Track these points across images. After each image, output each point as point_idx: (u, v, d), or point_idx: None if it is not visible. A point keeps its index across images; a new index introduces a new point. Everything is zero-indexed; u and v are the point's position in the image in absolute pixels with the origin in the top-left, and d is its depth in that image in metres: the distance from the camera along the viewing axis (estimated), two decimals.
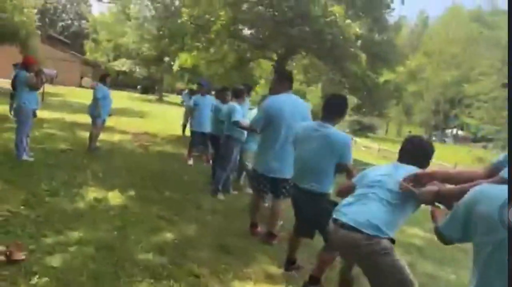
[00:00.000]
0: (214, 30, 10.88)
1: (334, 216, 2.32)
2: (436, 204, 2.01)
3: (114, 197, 4.80)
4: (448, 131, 49.80)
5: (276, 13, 9.70)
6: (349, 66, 11.08)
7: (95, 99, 7.35)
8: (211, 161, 7.67)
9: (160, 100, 34.26)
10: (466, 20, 48.10)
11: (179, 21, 11.99)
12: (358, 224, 2.13)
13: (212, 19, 10.79)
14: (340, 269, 2.91)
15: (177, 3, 33.34)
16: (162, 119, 17.69)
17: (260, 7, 9.71)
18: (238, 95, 5.55)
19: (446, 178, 2.09)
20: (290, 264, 3.39)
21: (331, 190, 3.13)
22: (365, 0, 12.31)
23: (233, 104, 5.40)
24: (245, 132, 5.54)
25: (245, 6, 10.64)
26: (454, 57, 46.05)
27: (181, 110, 12.57)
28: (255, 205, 4.12)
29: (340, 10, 9.95)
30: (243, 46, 13.71)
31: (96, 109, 7.38)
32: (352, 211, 2.23)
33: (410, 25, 52.66)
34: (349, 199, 2.35)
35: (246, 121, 4.99)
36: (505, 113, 31.23)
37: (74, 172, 5.67)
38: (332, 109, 3.14)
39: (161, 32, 11.87)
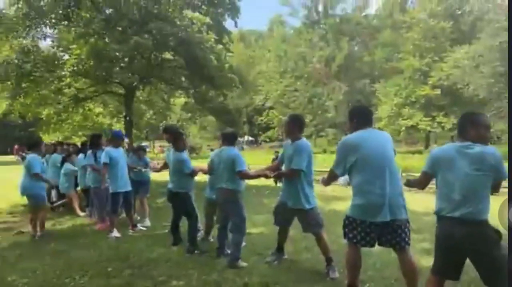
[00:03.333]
0: (67, 67, 8.82)
1: None
2: None
3: None
4: (241, 139, 55.39)
5: (151, 39, 8.54)
6: (226, 90, 10.88)
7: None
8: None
9: None
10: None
11: None
12: None
13: (62, 54, 8.72)
14: None
15: None
16: None
17: (135, 37, 8.33)
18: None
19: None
20: None
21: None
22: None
23: (231, 149, 4.54)
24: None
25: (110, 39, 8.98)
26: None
27: None
28: (357, 261, 3.39)
29: (211, 37, 9.66)
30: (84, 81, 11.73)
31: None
32: None
33: None
34: None
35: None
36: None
37: None
38: (467, 126, 2.88)
39: None
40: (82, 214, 8.06)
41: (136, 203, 7.22)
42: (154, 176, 7.87)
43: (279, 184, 10.50)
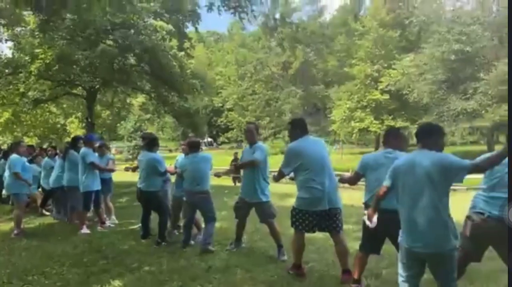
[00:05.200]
0: (31, 71, 9.03)
1: None
2: None
3: None
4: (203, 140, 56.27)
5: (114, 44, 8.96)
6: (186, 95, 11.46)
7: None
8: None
9: None
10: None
11: None
12: None
13: (27, 58, 8.92)
14: None
15: None
16: None
17: (101, 45, 8.71)
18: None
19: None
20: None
21: None
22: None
23: (200, 154, 5.30)
24: None
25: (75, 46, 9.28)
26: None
27: None
28: (302, 244, 4.16)
29: (174, 44, 10.21)
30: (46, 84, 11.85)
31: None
32: None
33: None
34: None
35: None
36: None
37: None
38: (389, 138, 3.80)
39: None
40: (47, 213, 8.38)
41: None
42: (113, 177, 8.27)
43: (238, 184, 11.30)
